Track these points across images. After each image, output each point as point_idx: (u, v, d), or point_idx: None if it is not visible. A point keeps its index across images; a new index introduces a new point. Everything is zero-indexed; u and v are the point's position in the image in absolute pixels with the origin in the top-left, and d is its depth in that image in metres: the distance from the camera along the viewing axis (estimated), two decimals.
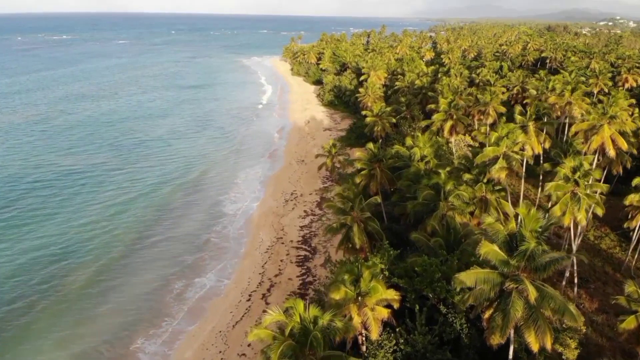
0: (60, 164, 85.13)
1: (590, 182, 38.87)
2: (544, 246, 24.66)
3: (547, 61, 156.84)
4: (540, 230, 25.57)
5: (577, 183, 38.03)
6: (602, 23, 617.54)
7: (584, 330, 35.21)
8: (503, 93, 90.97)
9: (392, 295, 30.91)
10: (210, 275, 51.23)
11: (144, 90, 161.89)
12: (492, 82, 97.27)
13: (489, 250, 25.07)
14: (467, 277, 25.68)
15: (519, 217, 27.72)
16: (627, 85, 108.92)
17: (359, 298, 30.64)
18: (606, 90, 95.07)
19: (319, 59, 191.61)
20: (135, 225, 62.23)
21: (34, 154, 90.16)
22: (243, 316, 43.73)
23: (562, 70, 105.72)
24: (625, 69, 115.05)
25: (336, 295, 30.19)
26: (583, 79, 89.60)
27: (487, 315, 27.10)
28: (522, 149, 47.04)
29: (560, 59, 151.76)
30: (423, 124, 78.94)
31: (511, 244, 26.00)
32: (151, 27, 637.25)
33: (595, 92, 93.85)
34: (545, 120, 56.02)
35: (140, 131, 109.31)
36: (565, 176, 38.55)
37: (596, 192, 46.10)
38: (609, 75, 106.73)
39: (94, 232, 60.24)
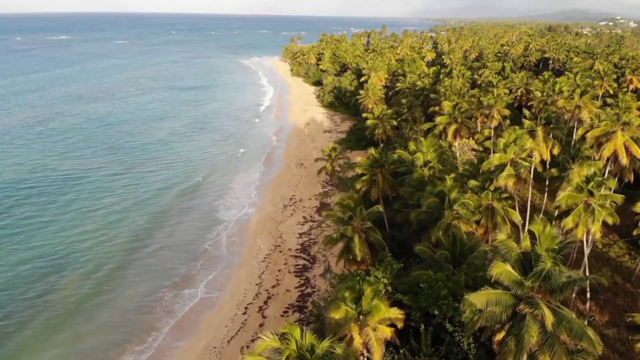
0: (57, 168, 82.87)
1: (604, 193, 36.87)
2: (561, 267, 22.84)
3: (550, 62, 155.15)
4: (557, 248, 23.73)
5: (591, 193, 36.13)
6: (602, 23, 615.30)
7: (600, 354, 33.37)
8: (506, 94, 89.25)
9: (396, 314, 29.07)
10: (205, 286, 49.15)
11: (142, 92, 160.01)
12: (495, 84, 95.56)
13: (502, 270, 23.23)
14: (478, 299, 23.83)
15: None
16: (631, 87, 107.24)
17: (361, 317, 28.86)
18: (611, 92, 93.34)
19: (319, 59, 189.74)
20: (132, 234, 60.01)
21: (29, 158, 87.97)
22: (239, 331, 41.78)
23: (567, 72, 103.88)
24: (629, 70, 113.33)
25: (336, 315, 28.37)
26: (589, 80, 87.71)
27: (498, 337, 25.26)
28: (530, 156, 45.21)
29: (563, 59, 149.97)
30: (425, 126, 77.24)
31: (525, 263, 24.16)
32: (151, 27, 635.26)
33: (600, 94, 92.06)
34: (553, 124, 54.08)
35: (138, 134, 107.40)
36: (578, 186, 36.65)
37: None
38: (614, 76, 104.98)
39: (90, 241, 57.94)
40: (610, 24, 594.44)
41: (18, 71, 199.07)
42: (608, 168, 50.93)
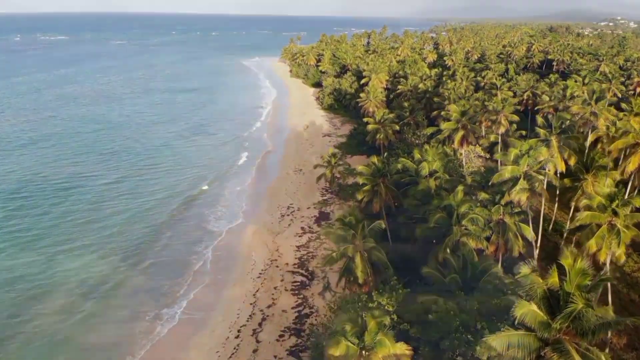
0: (50, 177, 79.05)
1: (629, 212, 33.63)
2: (596, 311, 19.89)
3: (554, 63, 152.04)
4: (589, 284, 20.78)
5: (615, 213, 33.04)
6: (603, 23, 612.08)
7: None
8: (511, 97, 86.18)
9: (402, 349, 26.22)
10: (198, 305, 45.78)
11: (140, 94, 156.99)
12: (499, 86, 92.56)
13: (527, 311, 20.31)
14: (498, 342, 20.89)
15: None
16: (639, 90, 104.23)
17: (363, 353, 26.00)
18: (619, 96, 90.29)
19: (319, 60, 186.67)
20: (125, 250, 56.44)
21: (21, 166, 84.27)
22: (230, 357, 38.63)
23: (573, 75, 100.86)
24: (636, 72, 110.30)
25: (335, 351, 25.52)
26: (597, 84, 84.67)
27: None
28: (544, 168, 42.20)
29: (568, 61, 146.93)
30: (428, 131, 74.32)
31: (552, 301, 21.19)
32: (151, 28, 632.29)
33: (609, 98, 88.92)
34: (568, 132, 50.94)
35: (135, 139, 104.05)
36: (600, 204, 33.55)
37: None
38: (621, 79, 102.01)
39: (82, 258, 54.29)
40: (611, 24, 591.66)
41: (14, 72, 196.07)
42: (631, 182, 47.75)
